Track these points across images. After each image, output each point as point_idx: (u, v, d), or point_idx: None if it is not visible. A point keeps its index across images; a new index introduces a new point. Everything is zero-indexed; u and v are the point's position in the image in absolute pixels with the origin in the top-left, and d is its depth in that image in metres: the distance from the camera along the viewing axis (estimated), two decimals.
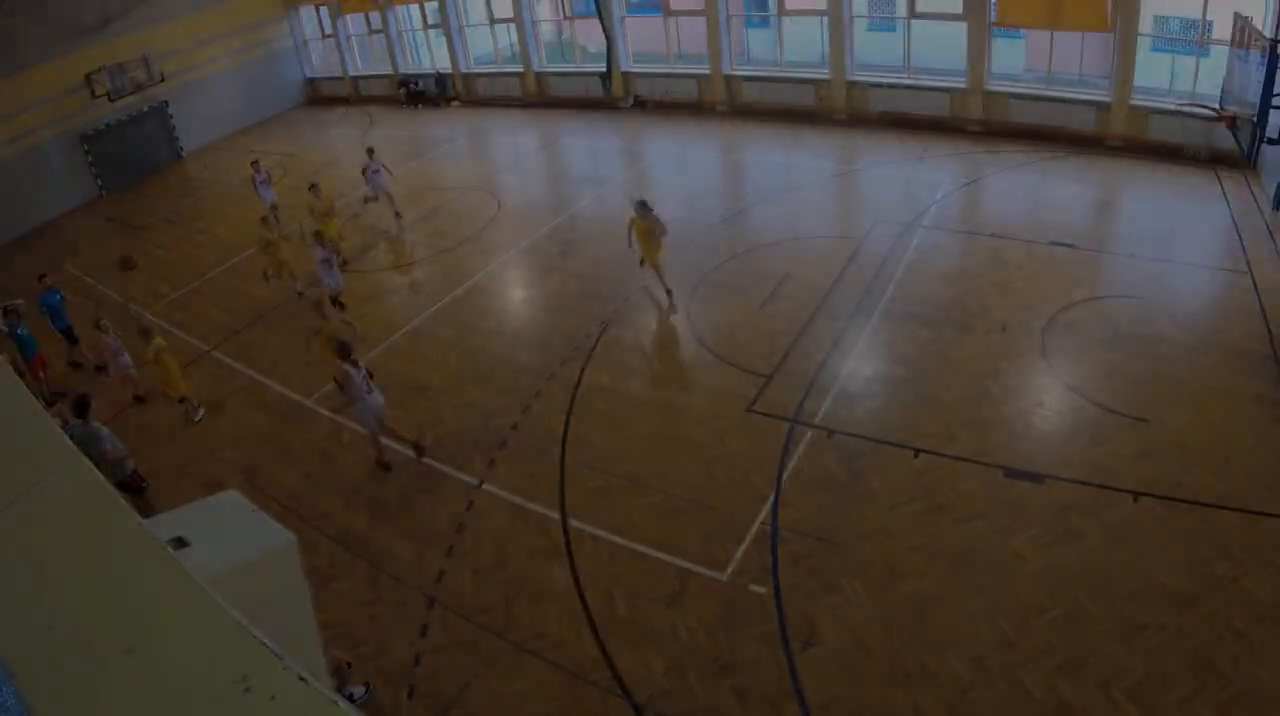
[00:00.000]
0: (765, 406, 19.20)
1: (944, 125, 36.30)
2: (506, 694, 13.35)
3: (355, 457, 19.38)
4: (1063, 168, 31.22)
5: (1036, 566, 14.40)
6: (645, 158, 37.67)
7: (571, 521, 16.64)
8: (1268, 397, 17.91)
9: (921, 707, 12.43)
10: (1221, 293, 22.13)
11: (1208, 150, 28.32)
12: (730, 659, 13.46)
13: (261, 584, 7.63)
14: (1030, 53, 39.36)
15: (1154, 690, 12.21)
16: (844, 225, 28.04)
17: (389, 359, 22.82)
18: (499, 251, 28.59)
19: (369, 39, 53.15)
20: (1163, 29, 35.32)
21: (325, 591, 15.50)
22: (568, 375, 21.09)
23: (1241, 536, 14.53)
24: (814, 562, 15.01)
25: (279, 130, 49.82)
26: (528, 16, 45.48)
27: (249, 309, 26.30)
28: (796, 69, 40.83)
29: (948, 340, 20.75)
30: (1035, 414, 18.26)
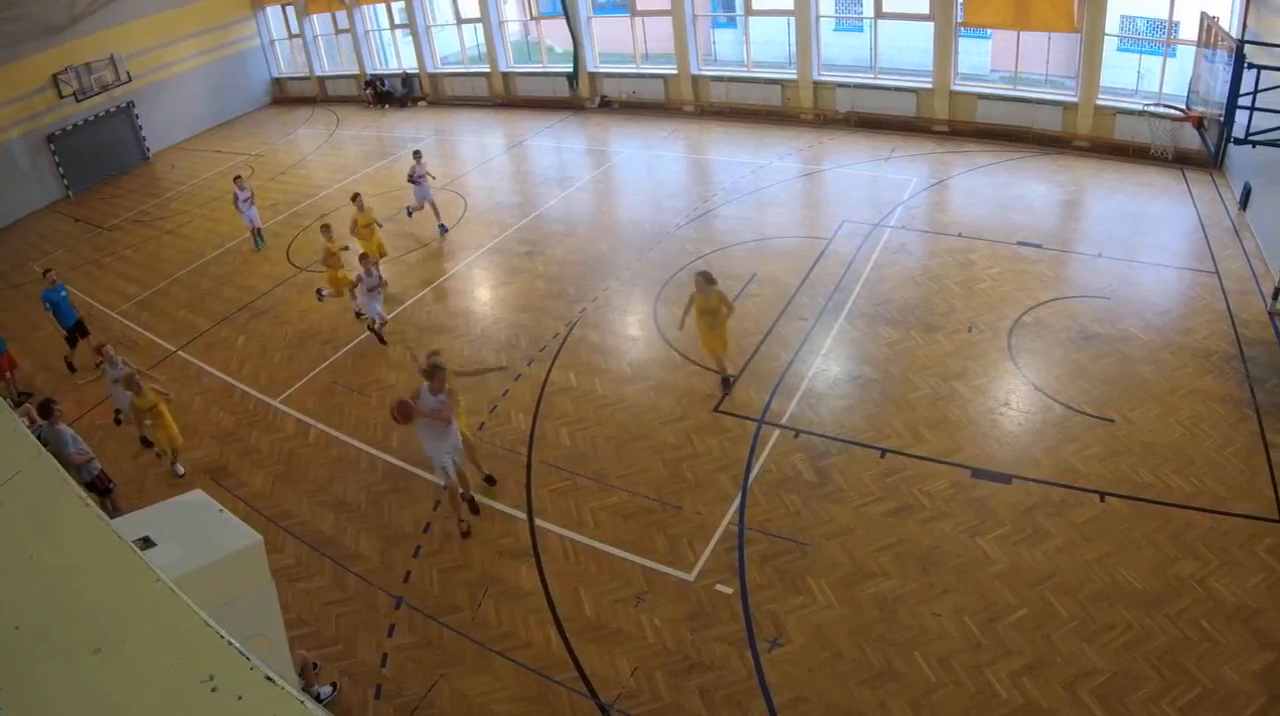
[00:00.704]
0: (732, 406, 19.18)
1: (911, 125, 36.37)
2: (473, 693, 13.27)
3: (322, 458, 19.29)
4: (1029, 168, 31.31)
5: (1003, 566, 14.43)
6: (612, 158, 37.59)
7: (538, 521, 16.58)
8: (1234, 397, 17.95)
9: (888, 707, 12.42)
10: (1188, 293, 22.17)
11: (1174, 150, 28.39)
12: (697, 659, 13.43)
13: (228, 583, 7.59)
14: (997, 53, 39.40)
15: (1120, 690, 12.24)
16: (811, 225, 27.98)
17: (354, 358, 22.83)
18: (465, 252, 28.52)
19: (336, 39, 52.90)
20: (1129, 29, 35.41)
21: (292, 591, 15.39)
22: (534, 375, 21.03)
23: (1208, 536, 14.57)
24: (781, 562, 14.99)
25: (245, 130, 49.60)
26: (494, 16, 45.39)
27: (216, 309, 26.13)
28: (763, 69, 40.88)
29: (914, 340, 20.74)
30: (1002, 414, 18.27)
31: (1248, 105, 17.11)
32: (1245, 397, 17.94)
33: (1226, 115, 17.16)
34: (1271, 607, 13.20)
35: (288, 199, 35.33)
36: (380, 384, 21.47)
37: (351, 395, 21.14)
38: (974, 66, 37.76)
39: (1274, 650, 12.54)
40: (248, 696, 3.16)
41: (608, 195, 33.33)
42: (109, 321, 25.90)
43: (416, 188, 29.99)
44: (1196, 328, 20.38)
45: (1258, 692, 11.98)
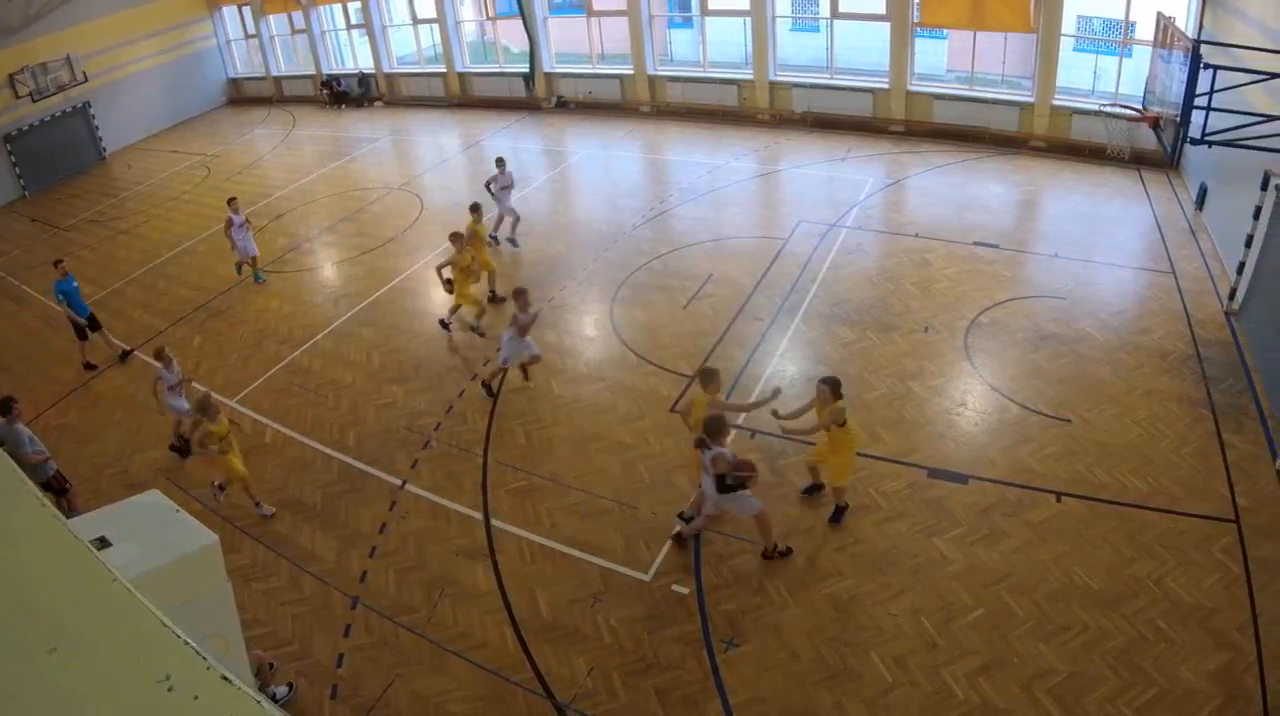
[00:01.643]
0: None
1: (867, 126, 36.44)
2: (429, 693, 13.20)
3: (279, 458, 19.15)
4: (986, 168, 31.42)
5: (960, 566, 14.44)
6: (568, 158, 37.52)
7: (494, 521, 16.49)
8: (1190, 398, 18.01)
9: (844, 707, 12.41)
10: (1145, 293, 22.25)
11: (1131, 150, 28.48)
12: (653, 659, 13.39)
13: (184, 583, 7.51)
14: (953, 53, 39.55)
15: (1077, 690, 12.26)
16: (767, 225, 27.96)
17: (310, 359, 22.64)
18: (422, 252, 28.31)
19: (292, 39, 52.59)
20: (1085, 29, 35.54)
21: (248, 591, 15.27)
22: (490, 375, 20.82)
23: (1164, 536, 14.61)
24: (737, 563, 14.98)
25: (202, 130, 49.21)
26: (451, 17, 45.21)
27: (173, 309, 25.89)
28: (720, 69, 40.96)
29: (870, 340, 20.74)
30: (958, 414, 18.29)
31: (1204, 105, 17.16)
32: (1201, 398, 18.00)
33: (1183, 115, 17.19)
34: (1228, 607, 13.24)
35: (244, 199, 34.56)
36: (337, 384, 21.35)
37: (308, 395, 21.01)
38: (930, 67, 37.94)
39: (1230, 650, 12.58)
40: (204, 696, 3.06)
41: (564, 195, 33.32)
42: (65, 322, 25.63)
43: (500, 197, 27.76)
44: (1153, 328, 20.45)
45: (1214, 692, 12.00)
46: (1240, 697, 11.93)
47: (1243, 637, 12.78)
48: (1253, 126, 17.53)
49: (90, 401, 22.04)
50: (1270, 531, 14.60)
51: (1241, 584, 13.65)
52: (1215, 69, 17.03)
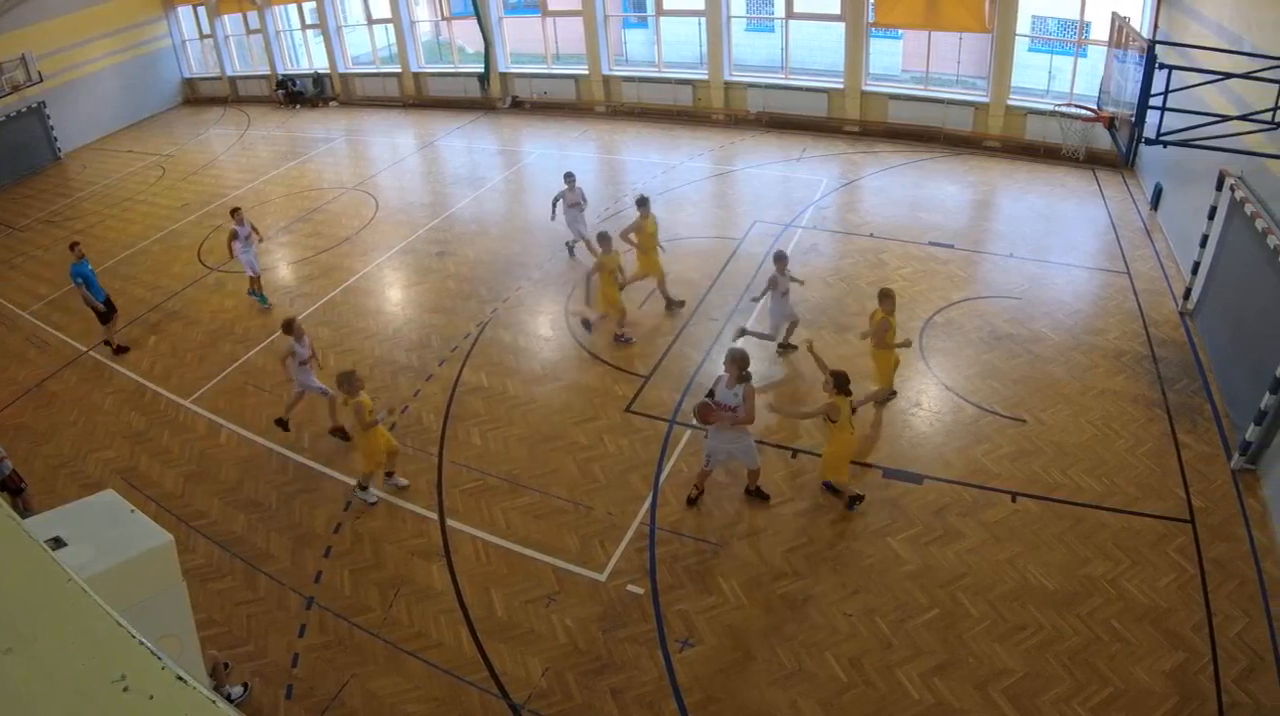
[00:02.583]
0: (643, 406, 19.14)
1: (822, 126, 36.55)
2: (384, 693, 13.12)
3: (233, 458, 19.00)
4: (941, 168, 31.53)
5: (914, 566, 14.45)
6: (523, 158, 37.39)
7: (449, 522, 16.41)
8: (1145, 398, 18.07)
9: (799, 707, 12.39)
10: (1100, 293, 22.31)
11: (1086, 150, 28.56)
12: (608, 659, 13.35)
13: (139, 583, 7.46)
14: (908, 53, 39.62)
15: (1032, 690, 12.29)
16: (722, 226, 27.96)
17: (266, 359, 22.42)
18: (377, 252, 28.19)
19: (247, 39, 52.29)
20: (1040, 29, 35.65)
21: (203, 591, 15.13)
22: (446, 375, 20.82)
23: (1119, 536, 14.66)
24: (692, 563, 14.95)
25: (157, 130, 48.87)
26: (405, 17, 45.10)
27: (128, 309, 25.55)
28: (675, 69, 41.05)
29: (826, 340, 20.60)
30: (913, 414, 18.29)
31: (1159, 105, 17.15)
32: (1156, 398, 18.06)
33: (1138, 115, 17.19)
34: (1182, 608, 13.29)
35: (199, 199, 34.83)
36: (293, 384, 21.03)
37: (263, 395, 20.83)
38: (885, 67, 37.96)
39: (1185, 650, 12.62)
40: (159, 696, 3.08)
41: (519, 196, 33.18)
42: (20, 321, 25.46)
43: (568, 215, 25.93)
44: (1108, 328, 20.51)
45: (1169, 692, 12.03)
46: (1195, 698, 11.95)
47: (1197, 638, 12.83)
48: (1208, 126, 17.56)
49: (45, 401, 21.83)
50: (1225, 532, 14.67)
51: (1196, 584, 13.71)
52: (1170, 69, 17.04)
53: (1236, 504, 15.27)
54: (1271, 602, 13.30)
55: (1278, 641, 12.67)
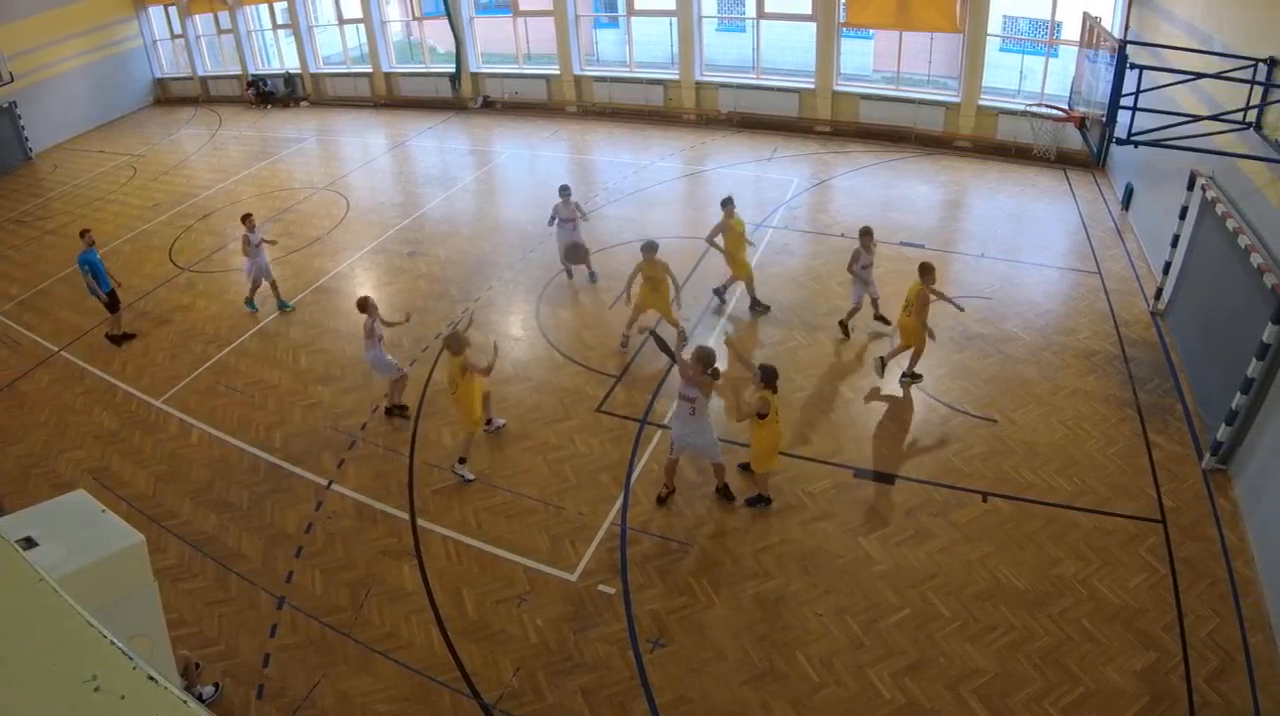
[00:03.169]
0: (614, 407, 19.12)
1: (793, 126, 36.66)
2: (355, 693, 13.07)
3: (204, 458, 18.90)
4: (912, 168, 31.64)
5: (886, 566, 14.44)
6: (494, 158, 37.39)
7: (420, 522, 16.36)
8: (1117, 398, 18.11)
9: (771, 707, 12.36)
10: (1071, 293, 22.38)
11: (1057, 150, 28.66)
12: (579, 659, 13.32)
13: (111, 583, 7.44)
14: (879, 53, 39.73)
15: (1003, 690, 12.28)
16: (693, 226, 27.79)
17: (237, 358, 22.37)
18: (348, 252, 28.14)
19: (218, 39, 52.20)
20: (1011, 29, 35.75)
21: (174, 591, 15.06)
22: (417, 375, 20.77)
23: (1090, 536, 14.68)
24: (663, 563, 14.93)
25: (128, 130, 48.76)
26: (377, 17, 45.13)
27: (99, 309, 25.32)
28: (646, 69, 41.16)
29: (797, 340, 20.79)
30: (884, 414, 18.35)
31: (1130, 105, 17.20)
32: (1128, 398, 18.11)
33: (1109, 115, 17.23)
34: (1153, 608, 13.31)
35: (170, 199, 34.75)
36: (263, 384, 21.11)
37: (234, 395, 20.76)
38: (856, 67, 38.10)
39: (1156, 650, 12.63)
40: (130, 696, 3.12)
41: (490, 195, 33.25)
42: None
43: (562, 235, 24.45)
44: (1079, 328, 20.57)
45: (1140, 692, 12.04)
46: (1166, 697, 11.96)
47: (1168, 637, 12.85)
48: (1179, 126, 17.61)
49: (16, 401, 21.75)
50: (1196, 531, 14.70)
51: (1167, 584, 13.72)
52: (1141, 69, 17.08)
53: (1208, 504, 15.31)
54: (1242, 602, 13.32)
55: (1249, 641, 12.69)
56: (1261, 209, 16.12)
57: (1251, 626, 12.95)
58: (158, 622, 8.63)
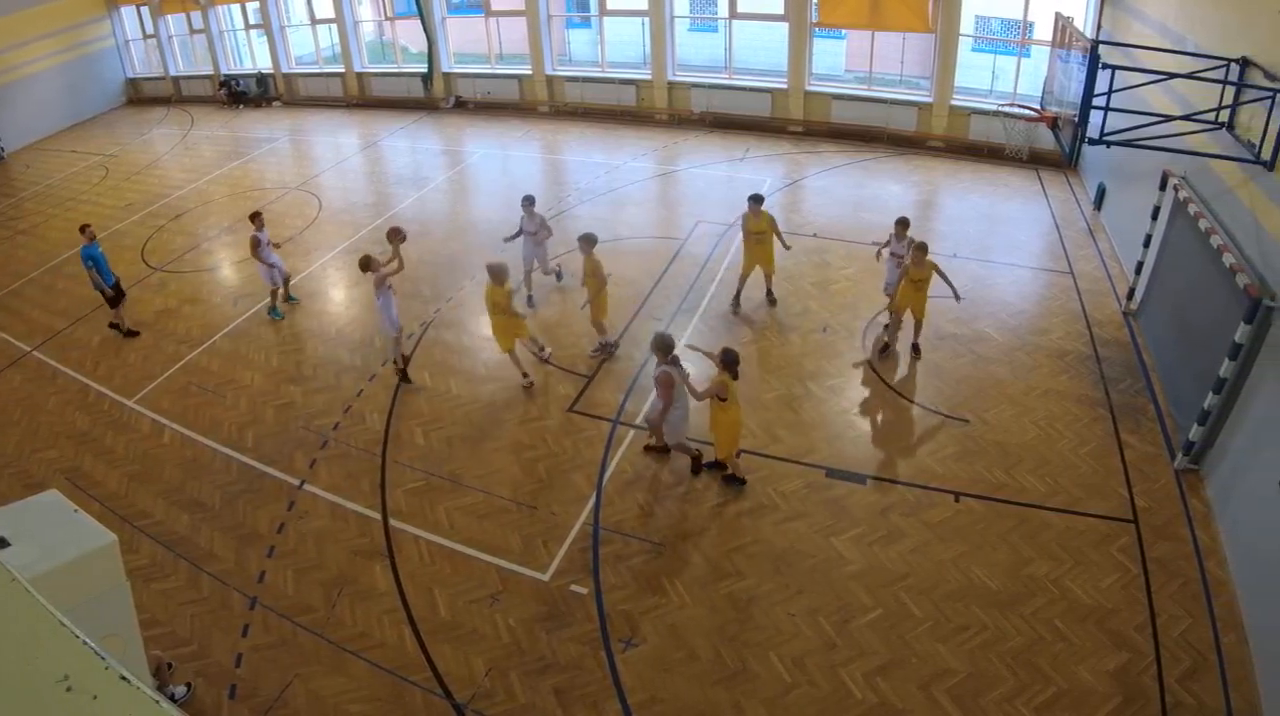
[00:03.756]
0: (586, 406, 19.09)
1: (765, 126, 36.75)
2: (328, 694, 13.03)
3: (177, 458, 18.83)
4: (884, 168, 31.71)
5: (858, 566, 14.43)
6: (466, 158, 37.41)
7: (393, 522, 16.32)
8: (1089, 398, 18.15)
9: (743, 707, 12.36)
10: (1043, 293, 22.43)
11: (1029, 151, 28.72)
12: (552, 659, 13.30)
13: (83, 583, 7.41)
14: (851, 53, 39.85)
15: (975, 690, 12.29)
16: (665, 226, 28.01)
17: (209, 358, 22.29)
18: (320, 252, 28.12)
19: (190, 39, 52.10)
20: (984, 29, 35.85)
21: (147, 591, 15.00)
22: (389, 375, 20.75)
23: (1062, 536, 14.70)
24: (635, 563, 14.90)
25: (100, 130, 48.64)
26: (349, 17, 45.02)
27: (72, 309, 25.43)
28: (618, 69, 41.20)
29: (769, 341, 20.82)
30: (856, 414, 18.34)
31: (1102, 105, 17.22)
32: (1100, 398, 18.14)
33: (1081, 115, 17.25)
34: (1125, 608, 13.33)
35: (143, 199, 34.67)
36: (235, 384, 21.04)
37: (206, 395, 20.71)
38: (829, 67, 38.28)
39: (1128, 650, 12.65)
40: (103, 696, 3.12)
41: (463, 196, 33.20)
42: None
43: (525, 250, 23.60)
44: (1051, 328, 20.61)
45: (1112, 692, 12.06)
46: (1138, 697, 11.99)
47: (1141, 637, 12.88)
48: (1151, 126, 17.64)
49: None
50: (1168, 532, 14.73)
51: (1140, 584, 13.75)
52: (1114, 69, 17.12)
53: (1180, 504, 15.35)
54: (1214, 602, 13.35)
55: (1221, 641, 12.71)
56: (1234, 209, 16.15)
57: (1224, 626, 12.98)
58: (130, 623, 8.64)
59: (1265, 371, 14.00)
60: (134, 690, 3.11)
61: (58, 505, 8.59)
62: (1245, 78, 16.20)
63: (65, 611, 3.49)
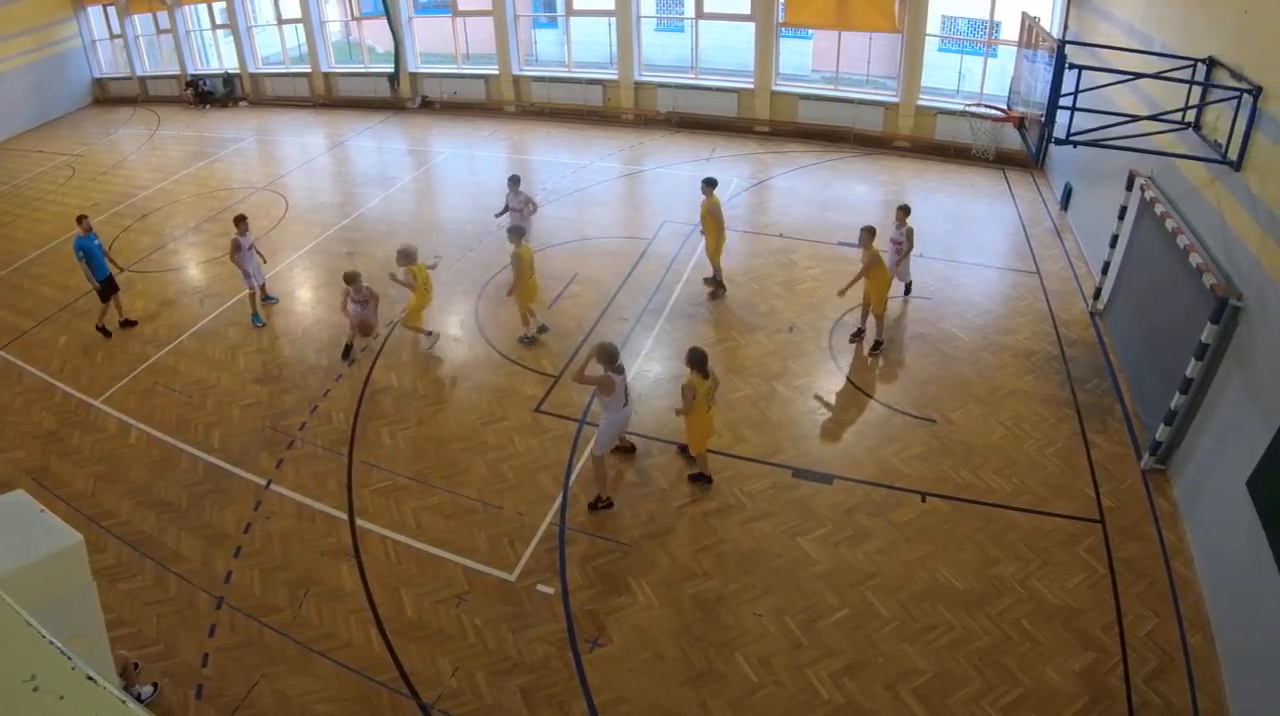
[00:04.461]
0: (553, 406, 19.05)
1: (732, 126, 36.83)
2: (294, 693, 12.97)
3: (143, 458, 18.72)
4: (851, 168, 31.80)
5: (825, 566, 14.42)
6: (433, 158, 37.40)
7: (359, 521, 16.26)
8: (1055, 398, 18.19)
9: (709, 707, 12.34)
10: (1010, 293, 22.48)
11: (996, 150, 28.79)
12: (518, 659, 13.27)
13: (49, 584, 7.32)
14: (818, 53, 39.96)
15: (942, 690, 12.30)
16: (632, 226, 28.02)
17: (175, 358, 22.17)
18: (287, 252, 28.01)
19: (157, 39, 51.93)
20: (950, 30, 35.95)
21: (113, 591, 14.94)
22: (356, 375, 20.69)
23: (1029, 536, 14.72)
24: (602, 563, 14.87)
25: (67, 130, 48.49)
26: (315, 17, 44.95)
27: (38, 310, 25.34)
28: (584, 69, 41.25)
29: (735, 341, 20.79)
30: (823, 414, 18.33)
31: (1069, 105, 17.24)
32: (1066, 398, 18.18)
33: (1047, 115, 17.27)
34: (1092, 607, 13.35)
35: (109, 199, 34.56)
36: (202, 384, 20.94)
37: (173, 395, 20.61)
38: (795, 67, 38.39)
39: (1095, 650, 12.67)
40: (69, 696, 3.14)
41: (429, 195, 33.12)
42: None
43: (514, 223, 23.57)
44: (1018, 328, 20.65)
45: (1079, 692, 12.07)
46: (1105, 697, 12.00)
47: (1107, 638, 12.90)
48: (1117, 126, 17.66)
49: None
50: (1135, 531, 14.77)
51: (1106, 584, 13.78)
52: (1080, 69, 17.14)
53: (1146, 504, 15.38)
54: (1181, 603, 13.38)
55: (1188, 641, 12.74)
56: (1200, 209, 16.19)
57: (1190, 626, 13.00)
58: (96, 623, 8.56)
59: (1231, 371, 14.02)
60: (100, 690, 3.12)
61: (24, 505, 8.50)
62: (1211, 78, 16.22)
63: (31, 611, 3.49)
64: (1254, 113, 14.24)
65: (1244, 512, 12.45)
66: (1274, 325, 12.78)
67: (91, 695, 3.11)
